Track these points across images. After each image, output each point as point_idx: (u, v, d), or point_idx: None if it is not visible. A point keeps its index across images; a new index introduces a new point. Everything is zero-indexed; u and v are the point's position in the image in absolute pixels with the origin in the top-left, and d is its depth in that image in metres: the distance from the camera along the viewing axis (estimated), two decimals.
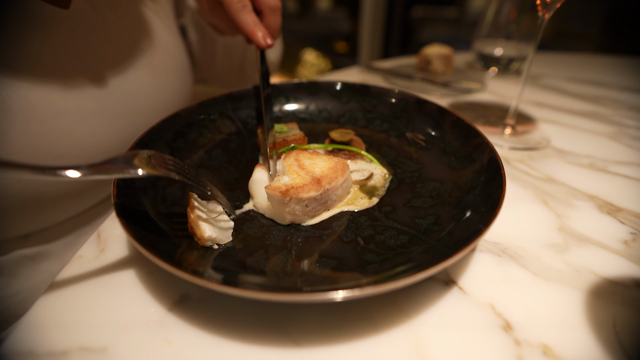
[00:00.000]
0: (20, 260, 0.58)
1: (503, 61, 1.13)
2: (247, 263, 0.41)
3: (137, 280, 0.41)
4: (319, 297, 0.32)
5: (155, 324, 0.37)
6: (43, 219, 0.59)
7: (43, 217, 0.59)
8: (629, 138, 0.77)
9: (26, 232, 0.58)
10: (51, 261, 0.62)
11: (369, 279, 0.38)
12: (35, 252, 0.60)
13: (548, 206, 0.55)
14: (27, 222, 0.57)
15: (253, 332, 0.36)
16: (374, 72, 1.14)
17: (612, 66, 1.26)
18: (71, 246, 0.64)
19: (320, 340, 0.35)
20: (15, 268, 0.58)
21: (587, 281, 0.42)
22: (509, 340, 0.35)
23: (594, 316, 0.38)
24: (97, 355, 0.34)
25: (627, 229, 0.50)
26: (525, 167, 0.65)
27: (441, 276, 0.42)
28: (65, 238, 0.63)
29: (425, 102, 0.65)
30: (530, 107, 0.92)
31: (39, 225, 0.59)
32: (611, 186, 0.60)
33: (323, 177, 0.47)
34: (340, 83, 0.73)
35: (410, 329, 0.37)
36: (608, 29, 2.78)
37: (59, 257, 0.62)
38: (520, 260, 0.45)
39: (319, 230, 0.46)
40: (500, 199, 0.41)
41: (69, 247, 0.63)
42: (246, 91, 0.70)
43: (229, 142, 0.64)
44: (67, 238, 0.63)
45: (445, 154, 0.58)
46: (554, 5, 0.61)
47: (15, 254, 0.58)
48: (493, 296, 0.40)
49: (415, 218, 0.47)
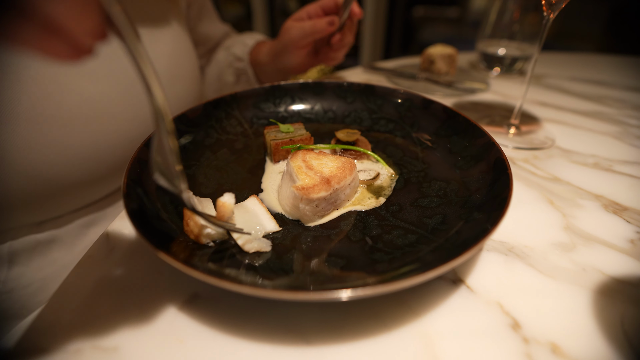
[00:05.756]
0: (34, 247, 0.61)
1: (506, 61, 1.13)
2: (257, 262, 0.41)
3: (147, 280, 0.42)
4: (329, 296, 0.33)
5: (166, 323, 0.37)
6: (57, 207, 0.62)
7: (58, 205, 0.61)
8: (633, 137, 0.77)
9: (41, 219, 0.61)
10: (62, 250, 0.64)
11: (378, 278, 0.38)
12: (48, 237, 0.62)
13: (554, 205, 0.55)
14: (43, 209, 0.60)
15: (263, 330, 0.36)
16: (377, 72, 1.15)
17: (615, 66, 1.26)
18: (81, 236, 0.66)
19: (330, 338, 0.36)
20: (29, 256, 0.61)
21: (594, 280, 0.42)
22: (517, 338, 0.36)
23: (602, 314, 0.38)
24: (110, 353, 0.34)
25: (633, 228, 0.51)
26: (531, 166, 0.66)
27: (449, 275, 0.43)
28: (75, 223, 0.65)
29: (431, 102, 0.66)
30: (534, 107, 0.92)
31: (53, 213, 0.62)
32: (616, 185, 0.60)
33: (332, 177, 0.47)
34: (345, 83, 0.73)
35: (418, 327, 0.37)
36: (611, 28, 2.78)
37: (69, 247, 0.65)
38: (527, 259, 0.45)
39: (327, 229, 0.47)
40: (507, 199, 0.41)
41: (79, 236, 0.66)
42: (252, 91, 0.71)
43: (235, 142, 0.64)
44: (77, 224, 0.66)
45: (451, 153, 0.58)
46: (559, 5, 0.61)
47: (30, 238, 0.61)
48: (501, 295, 0.40)
49: (423, 217, 0.48)
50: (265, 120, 0.70)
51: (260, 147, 0.64)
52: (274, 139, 0.59)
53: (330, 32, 0.78)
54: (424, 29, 3.84)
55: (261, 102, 0.71)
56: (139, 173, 0.47)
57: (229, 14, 3.86)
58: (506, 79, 1.12)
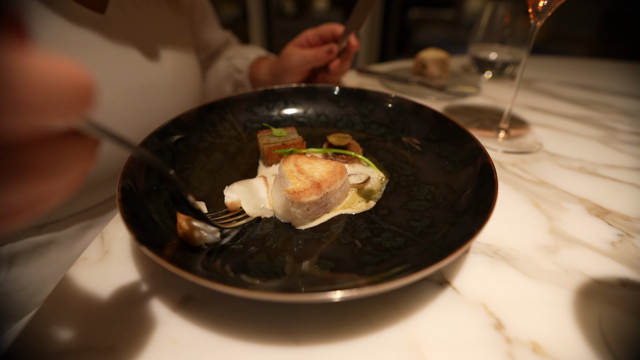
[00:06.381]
0: (34, 249, 0.63)
1: (497, 65, 1.15)
2: (249, 264, 0.42)
3: (140, 282, 0.43)
4: (319, 298, 0.34)
5: (160, 324, 0.38)
6: (57, 211, 0.63)
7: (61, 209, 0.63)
8: (619, 142, 0.79)
9: (41, 222, 0.63)
10: (60, 251, 0.65)
11: (367, 279, 0.39)
12: (46, 239, 0.64)
13: (539, 209, 0.57)
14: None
15: (254, 331, 0.37)
16: (370, 76, 1.16)
17: (603, 70, 1.29)
18: (78, 238, 0.68)
19: (320, 338, 0.37)
20: (28, 257, 0.62)
21: (575, 281, 0.44)
22: (500, 338, 0.37)
23: (582, 315, 0.39)
24: (105, 354, 0.35)
25: (614, 231, 0.52)
26: (518, 170, 0.67)
27: (436, 277, 0.44)
28: (73, 227, 0.67)
29: (421, 107, 0.67)
30: (523, 111, 0.94)
31: (53, 217, 0.64)
32: (600, 189, 0.62)
33: (323, 181, 0.48)
34: (337, 88, 0.75)
35: (406, 327, 0.38)
36: (603, 32, 2.82)
37: (67, 248, 0.66)
38: (512, 261, 0.47)
39: (318, 232, 0.48)
40: (492, 203, 0.43)
41: (76, 239, 0.67)
42: (246, 95, 0.72)
43: (229, 146, 0.65)
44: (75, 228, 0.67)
45: (440, 158, 0.59)
46: (545, 13, 0.63)
47: (30, 240, 0.62)
48: (485, 296, 0.42)
49: (411, 221, 0.49)
50: (258, 124, 0.71)
51: (253, 151, 0.65)
52: (267, 143, 0.60)
53: (329, 60, 0.83)
54: (420, 31, 3.87)
55: (255, 106, 0.72)
56: (133, 176, 0.48)
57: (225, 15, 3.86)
58: (497, 83, 1.14)
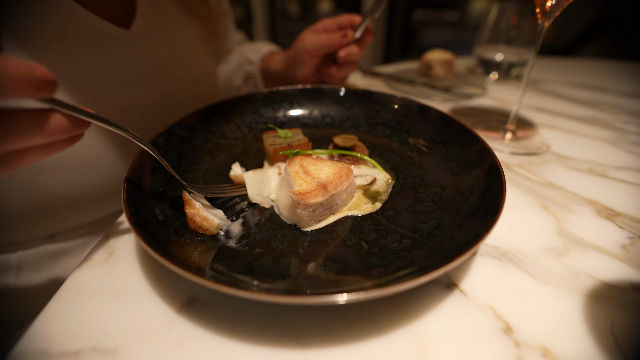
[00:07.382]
0: (43, 255, 0.63)
1: (503, 66, 1.14)
2: (254, 266, 0.42)
3: (145, 283, 0.43)
4: (325, 300, 0.33)
5: (164, 326, 0.38)
6: (69, 221, 0.64)
7: (70, 219, 0.64)
8: (628, 143, 0.78)
9: (53, 232, 0.63)
10: (72, 258, 0.65)
11: (373, 282, 0.39)
12: (58, 248, 0.64)
13: (548, 211, 0.56)
14: (56, 222, 0.63)
15: (260, 333, 0.37)
16: (375, 77, 1.16)
17: (611, 71, 1.27)
18: (87, 248, 0.67)
19: (326, 341, 0.36)
20: (38, 263, 0.62)
21: (585, 285, 0.43)
22: (509, 342, 0.36)
23: (593, 319, 0.39)
24: (109, 356, 0.35)
25: (625, 234, 0.51)
26: (526, 172, 0.66)
27: (443, 279, 0.43)
28: (82, 239, 0.67)
29: (427, 108, 0.66)
30: (530, 112, 0.93)
31: (65, 227, 0.64)
32: (610, 191, 0.61)
33: (329, 182, 0.48)
34: (343, 89, 0.74)
35: (412, 331, 0.38)
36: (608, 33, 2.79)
37: (79, 254, 0.66)
38: (520, 264, 0.46)
39: (324, 234, 0.47)
40: (500, 205, 0.42)
41: (84, 249, 0.67)
42: (251, 96, 0.72)
43: (234, 147, 0.65)
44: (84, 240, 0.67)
45: (446, 159, 0.59)
46: (553, 13, 0.62)
47: (40, 249, 0.63)
48: (493, 299, 0.41)
49: (418, 222, 0.48)
50: (264, 125, 0.71)
51: (258, 152, 0.65)
52: (273, 144, 0.59)
53: (343, 45, 0.81)
54: (424, 33, 3.86)
55: (260, 107, 0.72)
56: (139, 178, 0.48)
57: None
58: (503, 84, 1.13)
